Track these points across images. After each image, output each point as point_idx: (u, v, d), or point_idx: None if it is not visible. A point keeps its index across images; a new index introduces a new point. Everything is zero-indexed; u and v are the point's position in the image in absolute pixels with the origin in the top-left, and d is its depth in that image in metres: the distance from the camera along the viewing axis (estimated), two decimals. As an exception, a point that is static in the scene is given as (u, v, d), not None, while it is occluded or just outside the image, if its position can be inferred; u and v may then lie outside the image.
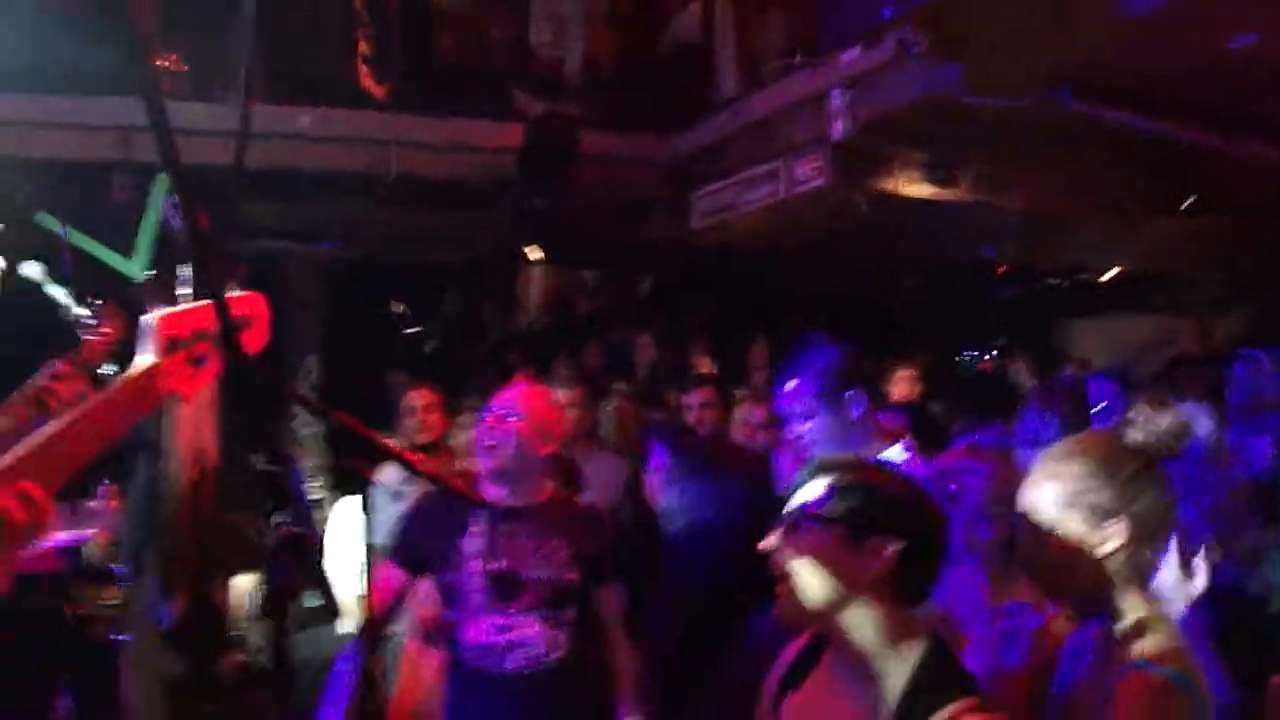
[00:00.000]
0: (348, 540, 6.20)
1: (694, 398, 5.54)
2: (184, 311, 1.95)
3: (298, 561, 1.38)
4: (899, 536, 1.86)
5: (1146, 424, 3.18)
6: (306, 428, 8.22)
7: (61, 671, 4.50)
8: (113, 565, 4.08)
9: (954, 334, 11.03)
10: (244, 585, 4.05)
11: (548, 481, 3.78)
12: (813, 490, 1.93)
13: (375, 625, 3.58)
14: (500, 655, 3.49)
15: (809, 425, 3.19)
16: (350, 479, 1.68)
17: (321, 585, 1.41)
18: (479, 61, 7.58)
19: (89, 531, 4.29)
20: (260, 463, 1.35)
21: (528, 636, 3.52)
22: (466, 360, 8.97)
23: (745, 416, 5.29)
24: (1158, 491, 1.99)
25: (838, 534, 1.88)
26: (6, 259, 4.06)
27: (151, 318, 1.74)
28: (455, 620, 3.57)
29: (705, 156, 7.67)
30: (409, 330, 9.58)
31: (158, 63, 6.61)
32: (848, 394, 3.18)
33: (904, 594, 1.88)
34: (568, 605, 3.56)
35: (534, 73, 7.62)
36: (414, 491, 3.94)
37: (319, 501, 8.22)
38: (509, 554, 3.56)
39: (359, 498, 1.80)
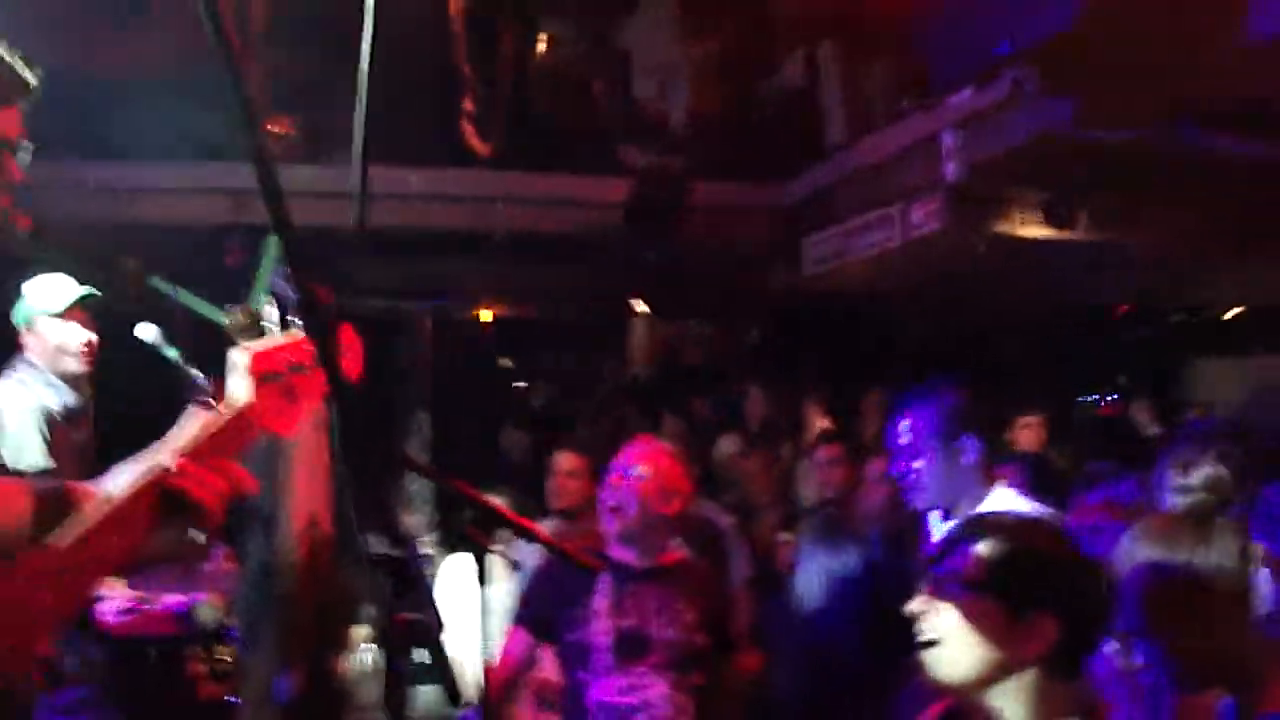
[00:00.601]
0: (457, 597, 6.18)
1: (821, 455, 5.39)
2: (275, 346, 1.92)
3: (420, 648, 1.30)
4: (1060, 612, 1.71)
5: (1181, 489, 2.98)
6: (415, 483, 8.26)
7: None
8: (227, 626, 4.06)
9: (1073, 378, 10.71)
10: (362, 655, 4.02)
11: (675, 542, 3.71)
12: (966, 554, 1.79)
13: (499, 690, 3.52)
14: (625, 716, 3.41)
15: (918, 465, 3.06)
16: (460, 535, 1.59)
17: (444, 671, 1.31)
18: (583, 116, 7.59)
19: (203, 595, 4.28)
20: (381, 546, 1.27)
21: (653, 698, 3.42)
22: (576, 414, 8.94)
23: (874, 473, 5.11)
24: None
25: (993, 606, 1.73)
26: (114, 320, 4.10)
27: (242, 353, 1.72)
28: (581, 681, 3.50)
29: (815, 203, 7.57)
30: (518, 385, 9.59)
31: (269, 128, 6.72)
32: (962, 439, 3.03)
33: (1060, 669, 1.73)
34: (695, 669, 3.47)
35: (638, 125, 7.60)
36: (534, 557, 3.88)
37: (429, 556, 8.25)
38: (636, 613, 3.48)
39: (475, 566, 1.71)
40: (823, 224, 7.43)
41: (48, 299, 4.12)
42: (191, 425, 1.65)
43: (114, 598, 4.43)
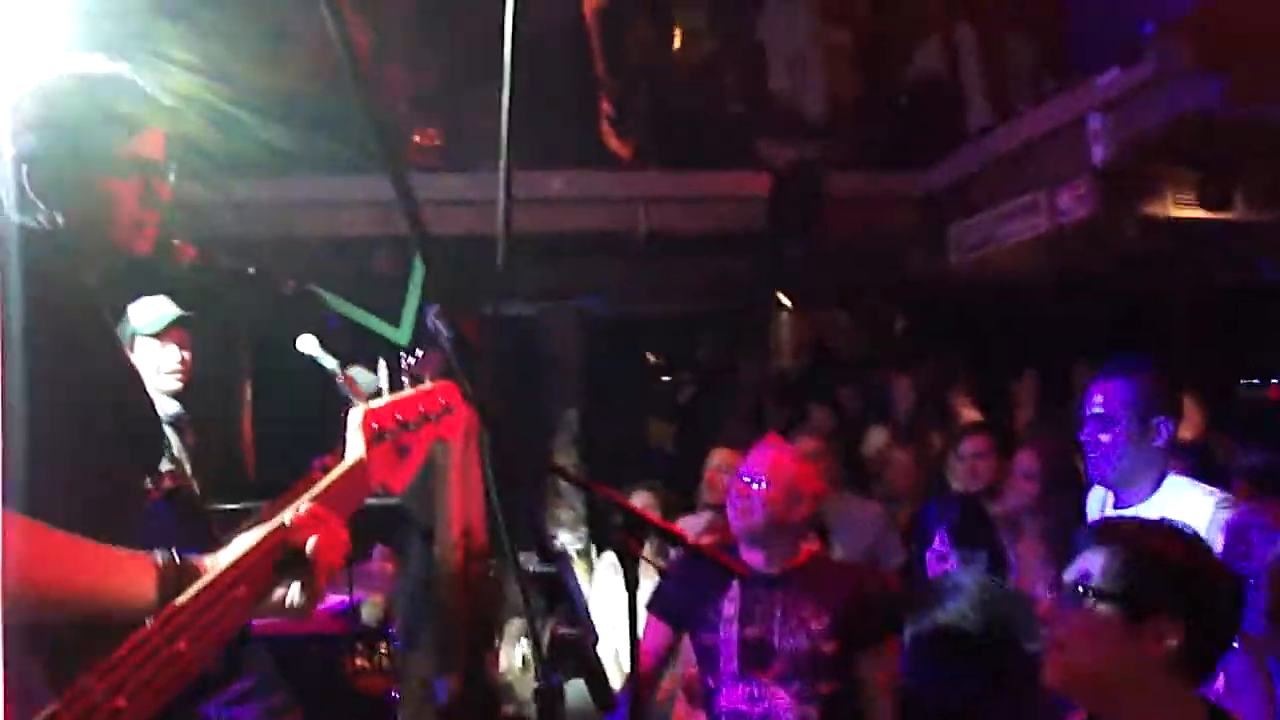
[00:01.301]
0: (609, 595, 6.27)
1: (966, 448, 5.31)
2: (388, 404, 2.06)
3: (575, 663, 1.35)
4: (1183, 616, 1.69)
5: None
6: (564, 481, 8.38)
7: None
8: (387, 625, 4.20)
9: (1232, 362, 10.28)
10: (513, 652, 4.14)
11: (806, 543, 3.67)
12: (1091, 560, 1.79)
13: (641, 681, 3.56)
14: None
15: (1105, 438, 3.00)
16: (609, 537, 1.64)
17: (600, 684, 1.36)
18: (718, 112, 7.59)
19: (363, 594, 4.43)
20: (534, 564, 1.32)
21: (777, 709, 3.39)
22: (722, 408, 8.95)
23: (1021, 467, 4.99)
24: None
25: (1114, 612, 1.73)
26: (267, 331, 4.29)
27: (357, 412, 1.92)
28: (710, 685, 3.51)
29: (959, 190, 7.44)
30: (665, 380, 9.65)
31: (414, 138, 6.89)
32: (1157, 419, 2.97)
33: (1185, 674, 1.72)
34: (822, 679, 3.40)
35: (775, 118, 7.57)
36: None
37: (581, 552, 8.37)
38: (762, 621, 3.46)
39: (623, 573, 1.75)
40: (967, 211, 7.29)
41: (145, 320, 4.36)
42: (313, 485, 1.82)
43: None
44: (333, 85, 6.96)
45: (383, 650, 4.31)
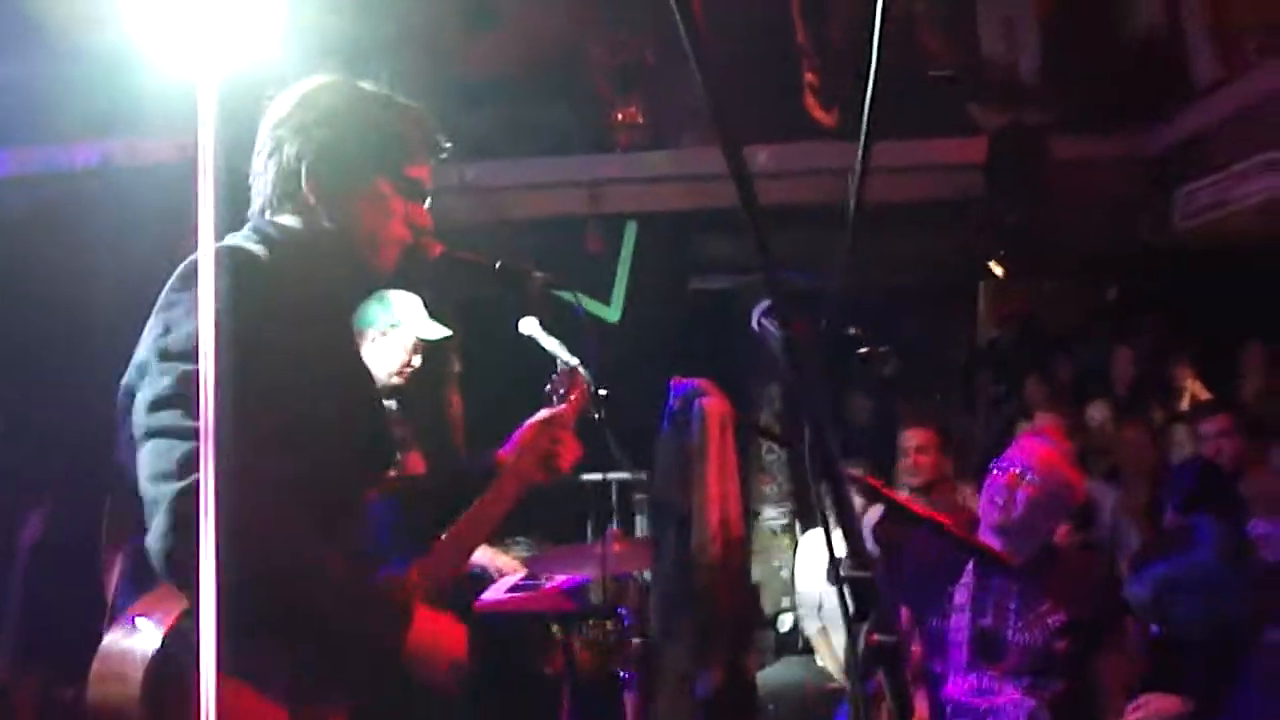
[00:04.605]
0: (816, 572, 6.19)
1: (1209, 426, 5.04)
2: (543, 418, 2.33)
3: (886, 671, 1.27)
4: None
5: None
6: (770, 454, 8.32)
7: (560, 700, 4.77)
8: (617, 606, 4.21)
9: None
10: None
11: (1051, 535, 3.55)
12: None
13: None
14: (977, 719, 3.31)
15: None
16: (813, 510, 1.56)
17: (903, 697, 1.28)
18: (928, 78, 7.35)
19: (589, 574, 4.45)
20: (846, 568, 1.25)
21: (1004, 704, 3.30)
22: (929, 382, 8.73)
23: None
24: None
25: None
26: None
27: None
28: (938, 673, 3.42)
29: (1186, 151, 7.03)
30: (867, 353, 9.45)
31: (618, 116, 6.89)
32: None
33: None
34: (1054, 676, 3.31)
35: (988, 82, 7.29)
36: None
37: (784, 528, 8.30)
38: (996, 612, 3.37)
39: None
40: (1195, 173, 6.88)
41: (401, 316, 4.47)
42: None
43: (506, 577, 4.71)
44: (536, 68, 7.04)
45: (609, 630, 4.34)
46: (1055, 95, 7.16)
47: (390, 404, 4.61)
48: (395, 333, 4.47)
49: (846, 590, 1.26)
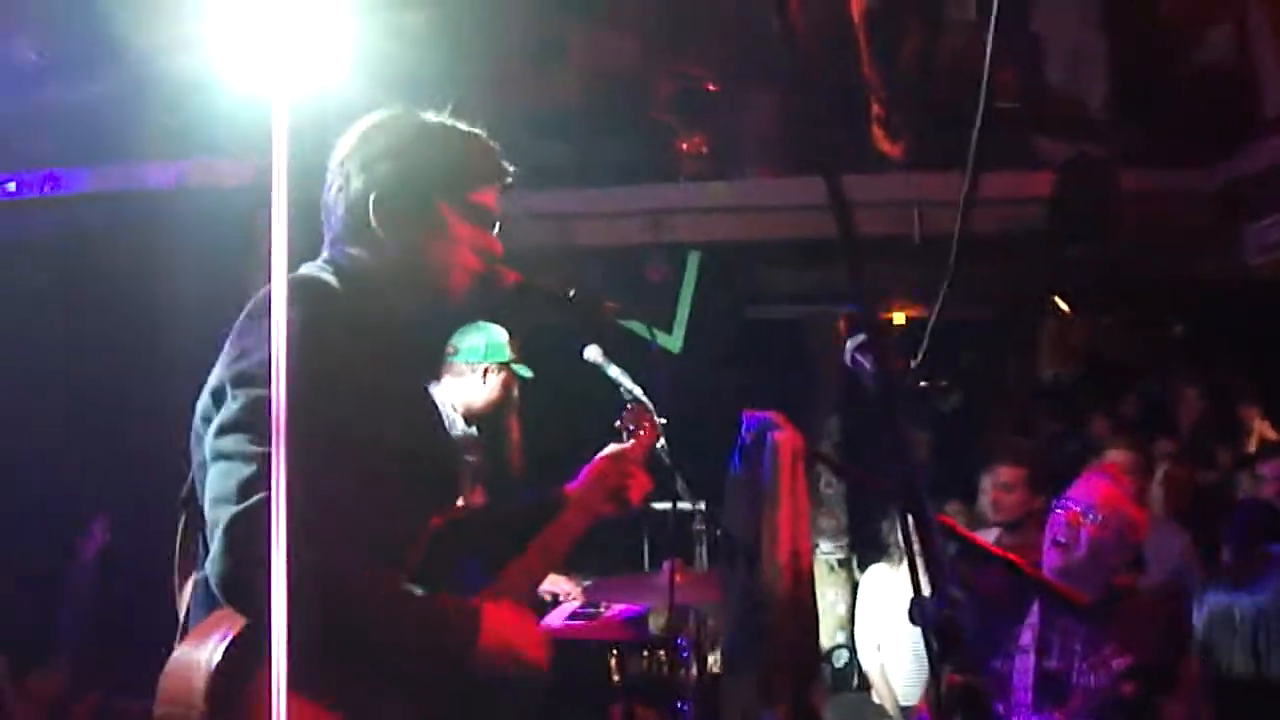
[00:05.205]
0: (877, 609, 6.13)
1: (1268, 469, 4.95)
2: (613, 452, 2.35)
3: (969, 713, 1.25)
4: None
5: None
6: (828, 488, 8.27)
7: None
8: (676, 637, 4.20)
9: None
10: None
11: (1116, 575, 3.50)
12: None
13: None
14: None
15: None
16: (875, 543, 1.54)
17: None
18: (992, 109, 7.29)
19: (648, 603, 4.45)
20: (931, 609, 1.23)
21: None
22: (990, 418, 8.65)
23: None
24: None
25: None
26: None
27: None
28: (999, 714, 3.38)
29: (1256, 185, 6.92)
30: (927, 387, 9.38)
31: (683, 146, 6.91)
32: None
33: None
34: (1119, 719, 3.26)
35: (1053, 114, 7.23)
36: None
37: (841, 562, 8.24)
38: (1061, 654, 3.33)
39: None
40: (1269, 208, 6.78)
41: (493, 352, 4.54)
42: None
43: (565, 605, 4.71)
44: (601, 97, 7.08)
45: (665, 660, 4.33)
46: (1123, 128, 7.09)
47: (471, 430, 4.69)
48: (493, 366, 4.64)
49: (930, 630, 1.24)
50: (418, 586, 2.02)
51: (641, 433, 2.76)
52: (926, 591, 1.26)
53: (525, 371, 4.83)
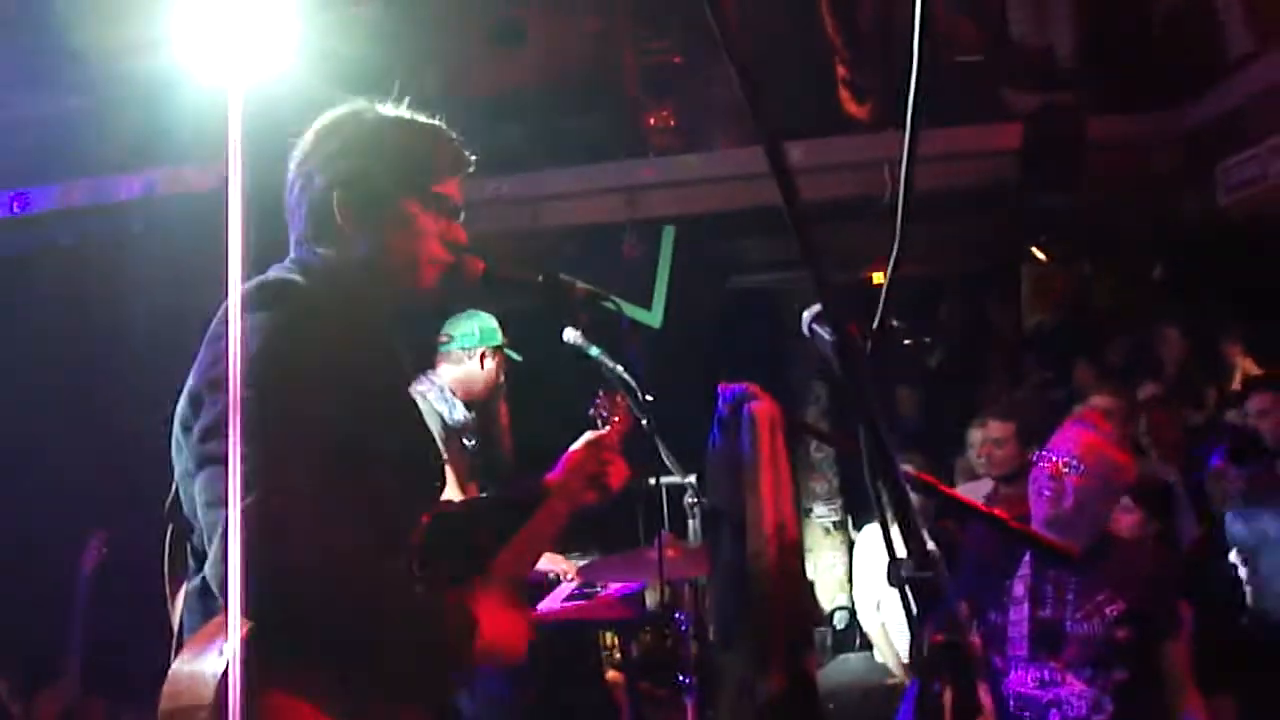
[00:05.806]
0: (874, 568, 6.16)
1: (1253, 404, 4.98)
2: (590, 440, 2.38)
3: (951, 672, 1.27)
4: None
5: None
6: (819, 451, 8.30)
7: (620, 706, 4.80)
8: (674, 611, 4.21)
9: None
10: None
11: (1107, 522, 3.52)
12: None
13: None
14: (1040, 711, 3.29)
15: None
16: (868, 505, 1.56)
17: (969, 695, 1.27)
18: (958, 65, 7.29)
19: (644, 580, 4.46)
20: (908, 570, 1.25)
21: (1068, 695, 3.27)
22: (976, 370, 8.67)
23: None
24: None
25: None
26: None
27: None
28: (999, 666, 3.40)
29: (1223, 126, 6.93)
30: (910, 344, 9.40)
31: (651, 120, 6.89)
32: None
33: None
34: (1116, 666, 3.28)
35: (1019, 65, 7.22)
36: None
37: (837, 524, 8.27)
38: (1054, 604, 3.35)
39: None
40: (1235, 147, 6.79)
41: (487, 336, 4.74)
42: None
43: (562, 586, 4.73)
44: (560, 81, 7.05)
45: (664, 636, 4.34)
46: (1088, 75, 7.09)
47: (471, 414, 4.75)
48: (488, 351, 4.70)
49: (909, 591, 1.26)
50: (414, 583, 2.03)
51: (616, 419, 2.77)
52: (901, 553, 1.27)
53: (515, 355, 4.91)
